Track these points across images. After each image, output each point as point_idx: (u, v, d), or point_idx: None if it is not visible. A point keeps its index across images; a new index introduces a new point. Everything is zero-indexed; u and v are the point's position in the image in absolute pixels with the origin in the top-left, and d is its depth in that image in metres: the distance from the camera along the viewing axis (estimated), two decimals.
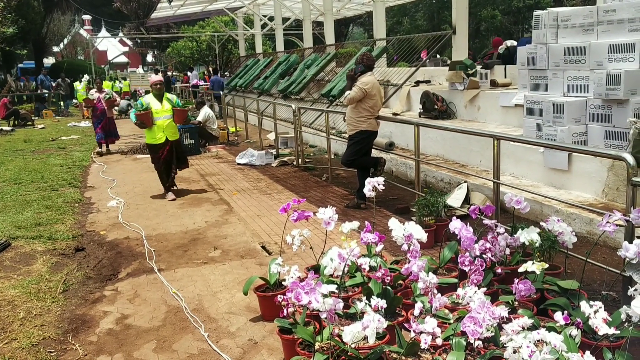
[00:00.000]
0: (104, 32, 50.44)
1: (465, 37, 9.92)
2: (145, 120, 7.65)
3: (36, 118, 21.07)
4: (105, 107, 12.30)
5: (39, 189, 8.58)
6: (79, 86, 24.09)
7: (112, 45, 53.78)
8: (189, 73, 25.31)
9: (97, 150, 12.65)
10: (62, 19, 41.62)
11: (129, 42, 54.14)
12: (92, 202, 7.90)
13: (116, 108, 16.38)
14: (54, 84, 26.35)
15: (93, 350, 3.71)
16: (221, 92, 18.23)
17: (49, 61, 41.42)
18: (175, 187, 8.23)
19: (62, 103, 25.32)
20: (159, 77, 8.21)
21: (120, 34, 48.81)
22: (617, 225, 3.32)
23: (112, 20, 47.38)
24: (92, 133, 16.96)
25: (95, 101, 12.30)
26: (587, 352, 2.40)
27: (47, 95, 24.94)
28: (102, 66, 39.75)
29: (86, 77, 27.37)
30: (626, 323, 2.73)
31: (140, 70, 48.12)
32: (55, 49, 45.67)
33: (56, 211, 7.22)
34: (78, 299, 4.56)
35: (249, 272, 4.83)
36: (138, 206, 7.53)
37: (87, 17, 51.30)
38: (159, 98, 7.76)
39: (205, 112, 12.97)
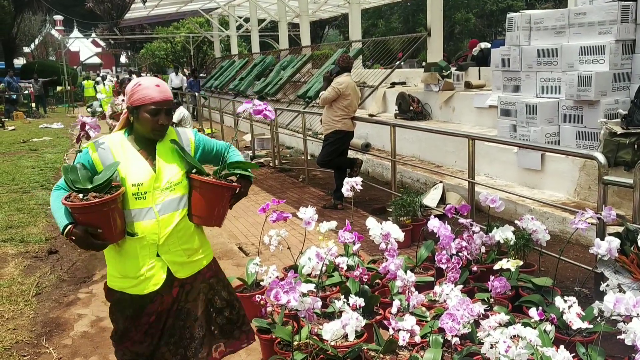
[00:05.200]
0: (76, 33, 49.67)
1: (440, 39, 10.01)
2: (92, 219, 2.20)
3: (6, 120, 20.65)
4: None
5: (10, 192, 8.41)
6: (99, 88, 19.19)
7: (84, 46, 52.97)
8: (172, 76, 23.79)
9: None
10: (33, 19, 40.86)
11: (102, 43, 53.43)
12: None
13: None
14: (22, 85, 25.78)
15: (68, 353, 3.66)
16: (196, 94, 17.98)
17: (19, 62, 40.61)
18: None
19: (33, 105, 24.82)
20: (159, 83, 2.38)
21: (93, 35, 48.13)
22: (589, 223, 3.38)
23: (84, 20, 46.70)
24: (64, 134, 16.70)
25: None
26: (562, 347, 2.44)
27: (16, 96, 24.41)
28: (75, 67, 39.10)
29: (110, 77, 23.45)
30: (599, 318, 2.78)
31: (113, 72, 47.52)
32: (26, 49, 44.84)
33: (28, 214, 7.09)
34: (52, 302, 4.49)
35: (226, 273, 4.79)
36: None
37: (58, 17, 50.46)
38: (148, 146, 2.42)
39: (180, 112, 12.84)
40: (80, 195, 2.18)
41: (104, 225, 2.20)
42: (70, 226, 2.19)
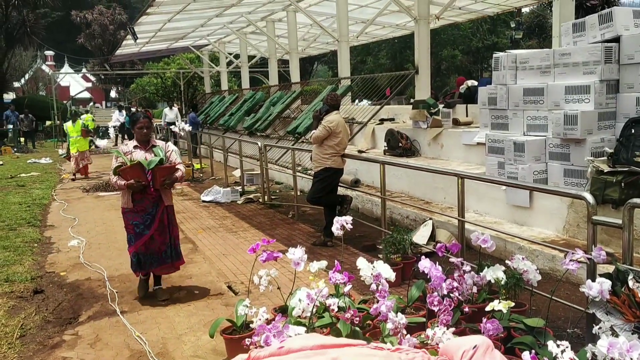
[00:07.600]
0: (66, 68, 49.87)
1: (427, 76, 10.16)
2: None
3: None
4: (156, 186, 5.06)
5: None
6: (66, 125, 15.45)
7: (74, 81, 53.11)
8: (166, 111, 21.58)
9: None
10: (24, 54, 41.05)
11: (92, 78, 53.62)
12: (52, 242, 7.68)
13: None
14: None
15: None
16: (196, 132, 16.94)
17: (9, 96, 40.58)
18: None
19: (22, 139, 24.75)
20: None
21: (84, 70, 48.33)
22: (579, 262, 3.39)
23: (75, 56, 46.96)
24: (52, 170, 16.59)
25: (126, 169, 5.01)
26: None
27: (10, 130, 24.30)
28: (64, 102, 39.08)
29: (85, 114, 20.07)
30: None
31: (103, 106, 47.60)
32: (16, 84, 44.89)
33: (14, 252, 6.98)
34: (36, 344, 4.38)
35: (215, 314, 4.74)
36: (100, 245, 7.35)
37: (49, 52, 50.72)
38: None
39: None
40: None
41: None
42: None
